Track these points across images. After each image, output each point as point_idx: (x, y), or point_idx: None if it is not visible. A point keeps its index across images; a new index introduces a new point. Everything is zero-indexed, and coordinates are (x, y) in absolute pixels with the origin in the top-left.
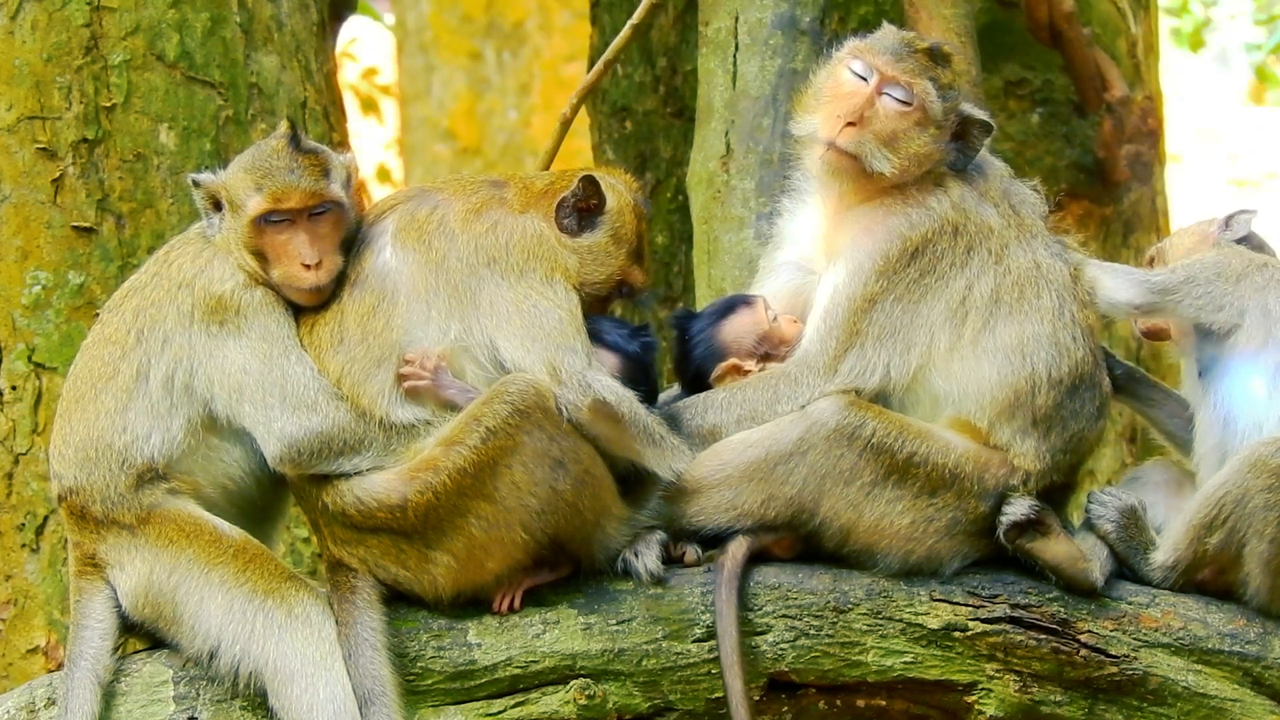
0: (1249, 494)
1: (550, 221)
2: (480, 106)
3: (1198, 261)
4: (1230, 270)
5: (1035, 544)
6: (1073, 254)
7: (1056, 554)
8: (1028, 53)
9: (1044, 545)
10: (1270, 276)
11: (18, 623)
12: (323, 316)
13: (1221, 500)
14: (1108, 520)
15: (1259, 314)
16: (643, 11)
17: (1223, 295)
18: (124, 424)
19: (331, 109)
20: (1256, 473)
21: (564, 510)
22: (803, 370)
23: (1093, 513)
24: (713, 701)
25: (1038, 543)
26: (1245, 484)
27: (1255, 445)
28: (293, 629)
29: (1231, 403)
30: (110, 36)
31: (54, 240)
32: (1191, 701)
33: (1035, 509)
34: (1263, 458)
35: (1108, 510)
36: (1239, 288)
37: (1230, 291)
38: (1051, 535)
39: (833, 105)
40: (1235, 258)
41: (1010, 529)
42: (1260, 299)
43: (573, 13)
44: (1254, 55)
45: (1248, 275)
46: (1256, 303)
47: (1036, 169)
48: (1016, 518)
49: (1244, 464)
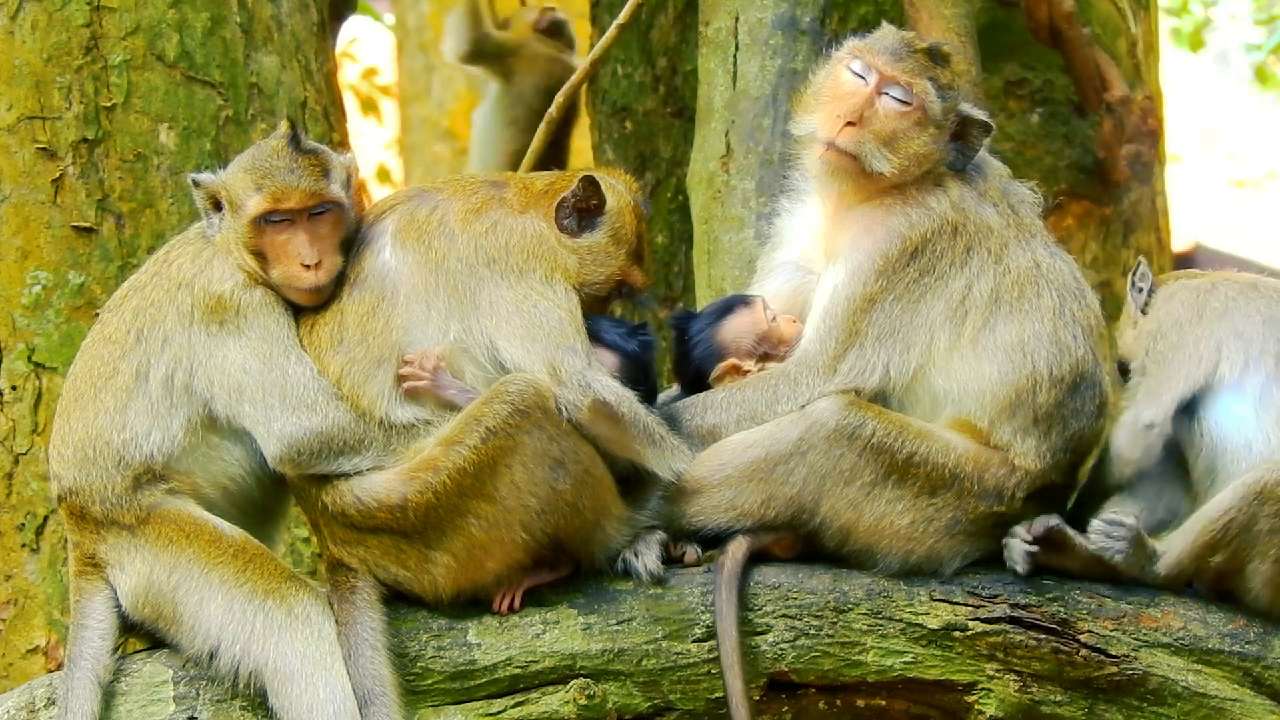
0: (1256, 519)
1: (550, 222)
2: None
3: (1155, 339)
4: (1183, 319)
5: (1056, 562)
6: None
7: (1078, 565)
8: (1028, 53)
9: (1067, 560)
10: (1223, 295)
11: (18, 623)
12: (322, 316)
13: (1227, 525)
14: (1117, 552)
15: (1233, 339)
16: (628, 12)
17: (1196, 345)
18: (124, 424)
19: (331, 109)
20: (1263, 500)
21: (564, 510)
22: (802, 370)
23: (1101, 544)
24: (713, 701)
25: (1059, 560)
26: (1252, 510)
27: (1261, 471)
28: (293, 629)
29: (1221, 428)
30: (110, 36)
31: (54, 240)
32: (1191, 701)
33: (1029, 548)
34: (1269, 485)
35: (1115, 542)
36: (1202, 326)
37: (1200, 335)
38: (1068, 549)
39: (832, 105)
40: (1174, 305)
41: (1026, 562)
42: (1229, 324)
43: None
44: (1254, 55)
45: (1200, 308)
46: (1226, 329)
47: (1036, 169)
48: (1022, 564)
49: (1251, 490)
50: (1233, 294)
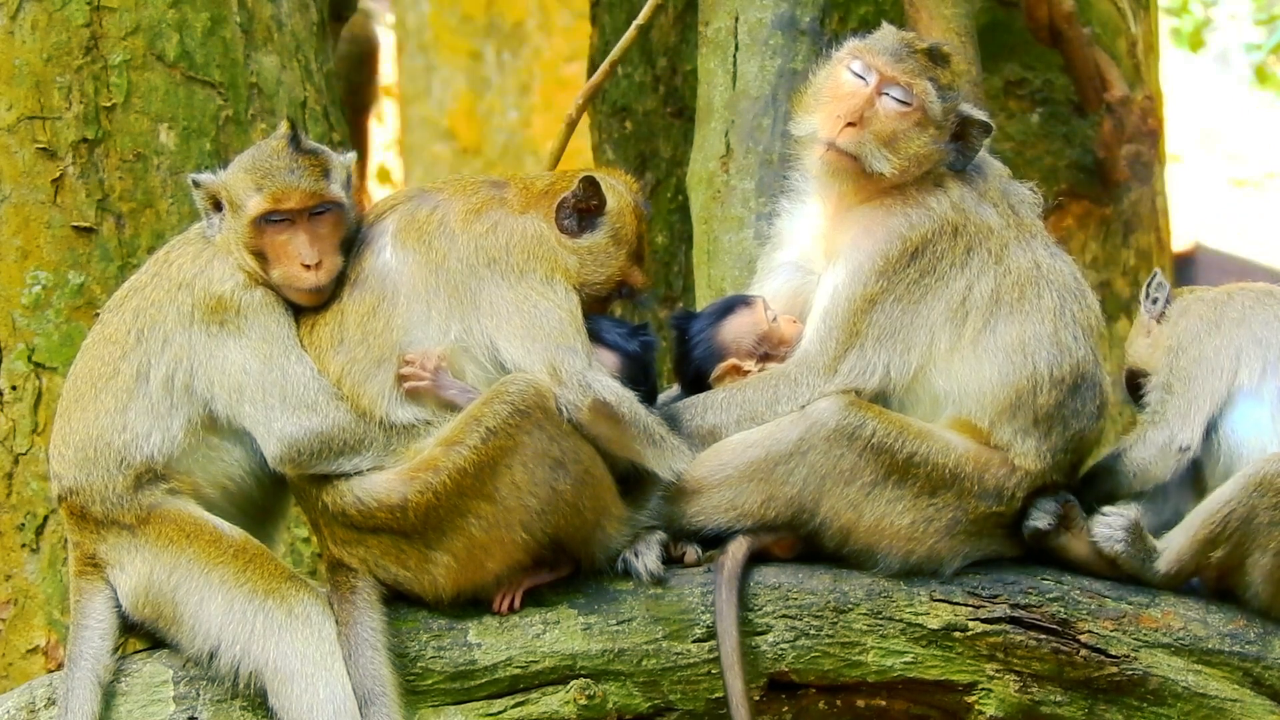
0: (1255, 512)
1: (550, 222)
2: (480, 106)
3: (1177, 354)
4: (1202, 331)
5: (1060, 542)
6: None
7: (1080, 552)
8: (1028, 53)
9: (1068, 543)
10: (1240, 305)
11: (18, 623)
12: (323, 317)
13: (1227, 518)
14: (1116, 541)
15: (1253, 345)
16: (648, 12)
17: (1218, 356)
18: (124, 424)
19: (331, 109)
20: (1263, 491)
21: (564, 510)
22: (802, 370)
23: (1100, 535)
24: (713, 701)
25: (1063, 540)
26: (1251, 502)
27: (1261, 463)
28: (293, 629)
29: (1237, 434)
30: (110, 36)
31: (54, 240)
32: (1191, 701)
33: (1056, 514)
34: (1269, 476)
35: (1115, 531)
36: (1221, 336)
37: (1220, 346)
38: (1074, 531)
39: (832, 106)
40: (1189, 318)
41: (1033, 534)
42: (1247, 331)
43: (573, 13)
44: (1254, 55)
45: (1218, 318)
46: (1245, 336)
47: (1036, 169)
48: (1041, 526)
49: (1250, 482)
50: (1249, 302)
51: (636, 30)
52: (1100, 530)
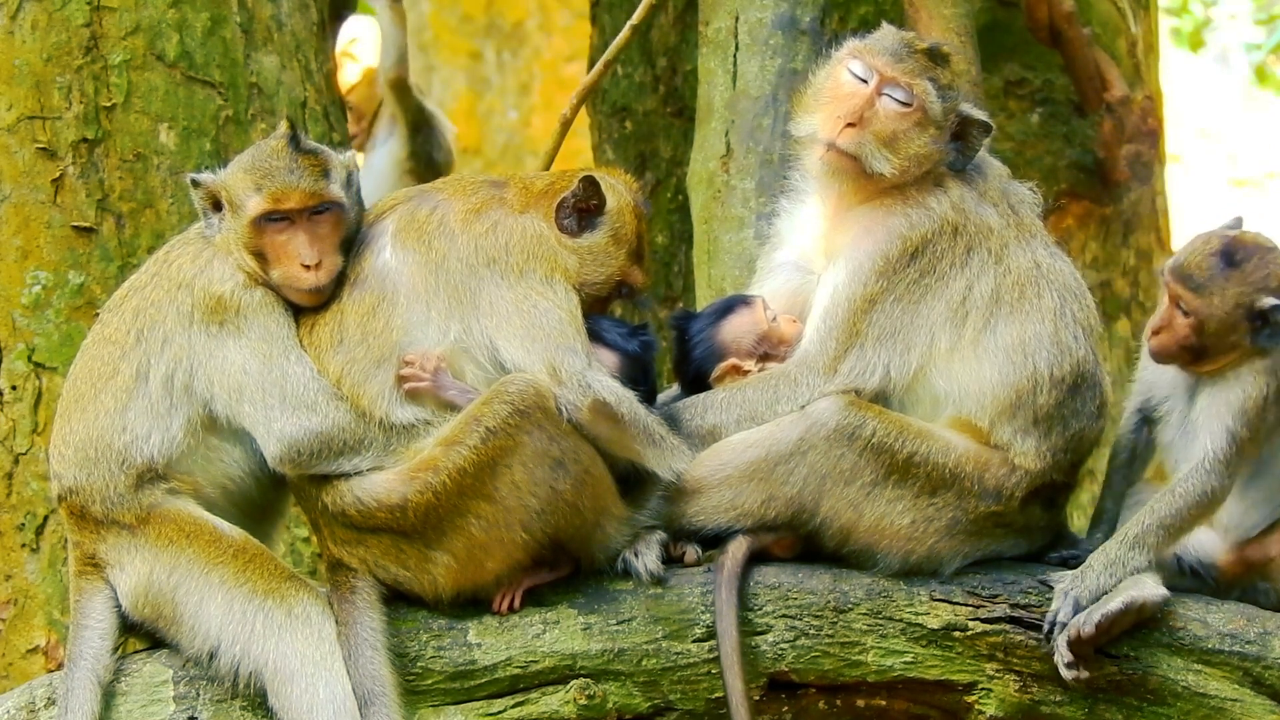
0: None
1: (550, 222)
2: (480, 106)
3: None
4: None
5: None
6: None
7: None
8: (1028, 53)
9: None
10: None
11: (18, 623)
12: (322, 317)
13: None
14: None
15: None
16: (642, 11)
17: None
18: (124, 424)
19: (331, 109)
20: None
21: (564, 510)
22: (802, 370)
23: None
24: (713, 701)
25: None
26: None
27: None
28: (293, 629)
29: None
30: (110, 36)
31: (54, 240)
32: (1191, 701)
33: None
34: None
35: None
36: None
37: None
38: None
39: (832, 106)
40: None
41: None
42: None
43: (573, 13)
44: (1254, 55)
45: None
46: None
47: (1036, 169)
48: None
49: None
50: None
51: (631, 30)
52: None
